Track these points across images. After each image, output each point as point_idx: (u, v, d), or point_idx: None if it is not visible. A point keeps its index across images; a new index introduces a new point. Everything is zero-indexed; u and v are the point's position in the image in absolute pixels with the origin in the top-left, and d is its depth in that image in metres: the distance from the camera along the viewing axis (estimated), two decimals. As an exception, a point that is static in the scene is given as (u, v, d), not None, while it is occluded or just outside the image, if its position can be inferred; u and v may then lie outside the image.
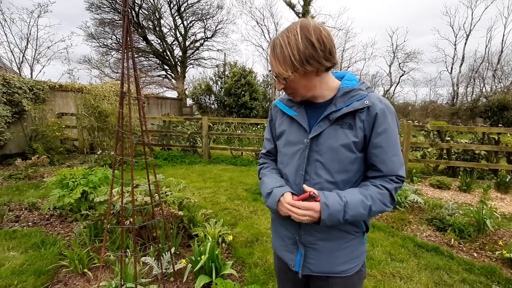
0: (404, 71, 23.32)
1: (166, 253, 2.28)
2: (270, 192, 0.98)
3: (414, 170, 5.65)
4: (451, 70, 21.64)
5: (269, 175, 1.06)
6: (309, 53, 0.82)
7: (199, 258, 2.13)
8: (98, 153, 6.07)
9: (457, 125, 11.51)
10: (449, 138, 5.91)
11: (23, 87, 6.34)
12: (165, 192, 2.69)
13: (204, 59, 20.12)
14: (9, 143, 6.21)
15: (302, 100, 0.98)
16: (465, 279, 2.40)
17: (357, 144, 0.91)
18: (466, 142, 5.90)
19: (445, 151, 5.86)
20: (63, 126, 6.78)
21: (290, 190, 0.96)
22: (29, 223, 3.19)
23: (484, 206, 3.22)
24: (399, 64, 23.33)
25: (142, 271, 2.15)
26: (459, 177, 5.26)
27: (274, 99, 1.19)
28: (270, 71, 0.99)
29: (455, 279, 2.40)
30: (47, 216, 3.35)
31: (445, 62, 22.28)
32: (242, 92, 12.54)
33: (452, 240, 3.01)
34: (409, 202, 3.88)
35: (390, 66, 23.74)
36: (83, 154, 7.07)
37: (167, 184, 2.97)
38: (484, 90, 19.45)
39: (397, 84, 23.71)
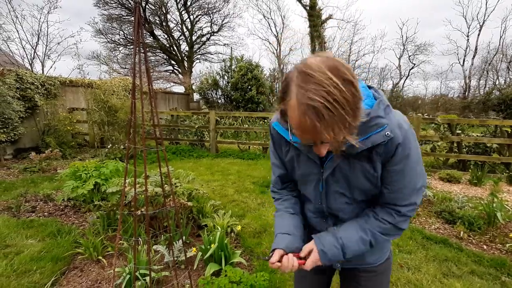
0: (414, 64, 22.87)
1: (177, 241, 2.34)
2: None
3: (423, 164, 5.58)
4: (463, 63, 21.09)
5: (278, 216, 1.03)
6: (356, 98, 0.63)
7: (208, 247, 2.18)
8: (108, 147, 6.19)
9: (468, 118, 11.27)
10: (460, 131, 5.80)
11: (35, 83, 6.49)
12: (175, 183, 2.75)
13: (211, 54, 20.11)
14: (23, 138, 6.39)
15: None
16: (474, 270, 2.39)
17: (375, 174, 0.83)
18: (477, 136, 5.79)
19: (455, 144, 5.77)
20: (74, 121, 6.92)
21: (284, 247, 0.91)
22: (45, 213, 3.31)
23: (495, 199, 3.17)
24: (409, 56, 22.88)
25: (154, 259, 2.22)
26: (470, 170, 5.18)
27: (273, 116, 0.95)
28: (311, 143, 0.72)
29: (464, 270, 2.39)
30: (61, 207, 3.46)
31: (457, 54, 21.71)
32: (249, 87, 12.52)
33: (462, 232, 2.99)
34: (417, 195, 3.85)
35: (399, 59, 23.31)
36: (94, 148, 7.22)
37: (176, 176, 3.03)
38: (497, 83, 18.92)
39: (407, 77, 23.29)
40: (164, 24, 17.69)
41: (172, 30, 18.20)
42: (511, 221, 3.26)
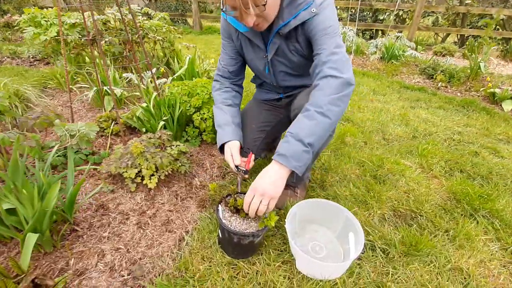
0: None
1: (146, 72, 2.27)
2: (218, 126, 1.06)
3: (420, 38, 5.24)
4: None
5: (217, 108, 1.09)
6: None
7: (179, 70, 2.12)
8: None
9: None
10: (469, 1, 5.21)
11: None
12: (142, 20, 2.49)
13: None
14: (-23, 7, 5.59)
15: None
16: (441, 106, 2.47)
17: (304, 52, 0.96)
18: (486, 7, 5.24)
19: (460, 17, 5.29)
20: None
21: (230, 138, 1.00)
22: (13, 65, 3.14)
23: (485, 48, 3.06)
24: None
25: (123, 84, 2.19)
26: (466, 44, 4.91)
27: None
28: (231, 9, 0.81)
29: (432, 106, 2.47)
30: (30, 61, 3.27)
31: None
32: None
33: (440, 83, 2.99)
34: (406, 56, 3.71)
35: None
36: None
37: (145, 11, 2.72)
38: None
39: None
40: None
41: None
42: (490, 76, 3.23)
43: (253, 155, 0.98)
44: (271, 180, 0.79)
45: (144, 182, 1.15)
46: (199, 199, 1.18)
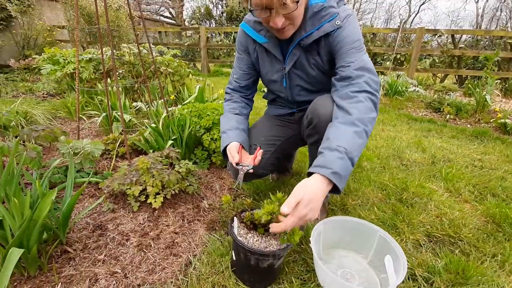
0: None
1: (157, 100, 2.29)
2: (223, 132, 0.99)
3: (420, 78, 5.43)
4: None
5: (223, 117, 1.05)
6: None
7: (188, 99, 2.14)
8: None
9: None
10: (463, 46, 5.52)
11: (4, -12, 5.88)
12: (156, 55, 2.60)
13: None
14: (2, 53, 6.04)
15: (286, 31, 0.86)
16: (454, 136, 2.42)
17: (324, 67, 0.93)
18: (479, 51, 5.53)
19: (456, 60, 5.54)
20: (54, 33, 6.49)
21: (233, 141, 0.93)
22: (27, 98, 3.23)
23: (488, 79, 3.11)
24: (421, -10, 20.89)
25: (132, 111, 2.19)
26: (466, 83, 5.06)
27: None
28: (258, 8, 0.77)
29: (445, 135, 2.42)
30: (44, 96, 3.37)
31: (473, -11, 19.82)
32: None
33: (448, 115, 2.98)
34: (410, 92, 3.78)
35: (410, -8, 21.32)
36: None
37: (158, 48, 2.87)
38: (509, 25, 17.58)
39: (416, 14, 21.65)
40: None
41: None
42: (498, 108, 3.23)
43: (261, 150, 0.92)
44: (320, 203, 0.68)
45: (149, 200, 1.05)
46: (208, 221, 1.06)
